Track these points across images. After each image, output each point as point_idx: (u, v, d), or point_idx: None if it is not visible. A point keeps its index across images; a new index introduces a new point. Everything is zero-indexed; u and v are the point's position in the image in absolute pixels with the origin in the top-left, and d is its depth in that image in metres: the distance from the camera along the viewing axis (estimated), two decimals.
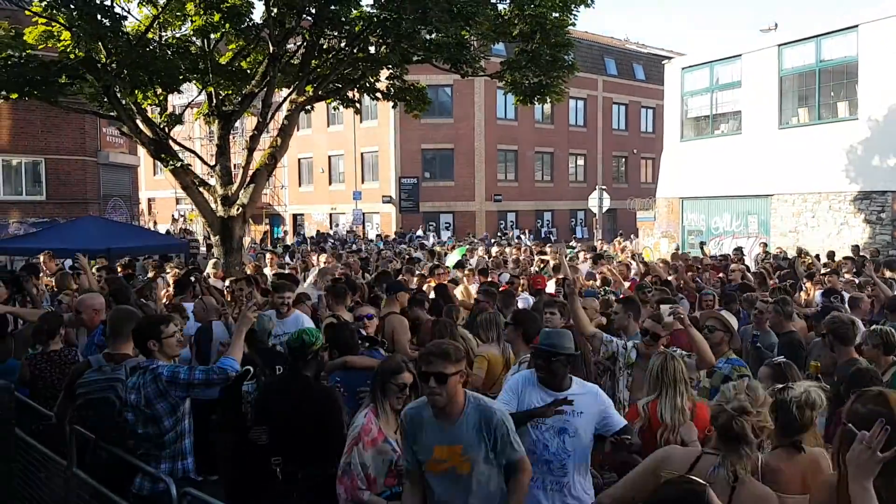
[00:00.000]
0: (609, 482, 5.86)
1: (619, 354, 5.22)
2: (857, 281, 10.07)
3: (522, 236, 30.58)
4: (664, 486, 2.34)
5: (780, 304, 6.55)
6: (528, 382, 4.05)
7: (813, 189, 17.74)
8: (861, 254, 14.45)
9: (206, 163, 13.69)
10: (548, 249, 18.12)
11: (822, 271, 11.38)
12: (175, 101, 13.92)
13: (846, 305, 7.82)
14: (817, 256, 14.60)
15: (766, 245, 16.42)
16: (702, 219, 21.28)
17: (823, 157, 17.52)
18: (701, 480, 2.23)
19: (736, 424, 2.87)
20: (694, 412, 4.14)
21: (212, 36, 12.43)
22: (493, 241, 26.28)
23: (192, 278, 8.61)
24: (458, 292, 9.97)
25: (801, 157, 18.01)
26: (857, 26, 16.91)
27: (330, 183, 37.79)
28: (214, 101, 12.80)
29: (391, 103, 15.20)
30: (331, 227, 35.74)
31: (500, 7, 13.05)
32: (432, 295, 8.72)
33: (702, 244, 16.00)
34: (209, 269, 12.11)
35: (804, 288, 10.12)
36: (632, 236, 27.82)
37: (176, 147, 12.94)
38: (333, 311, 6.97)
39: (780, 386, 3.32)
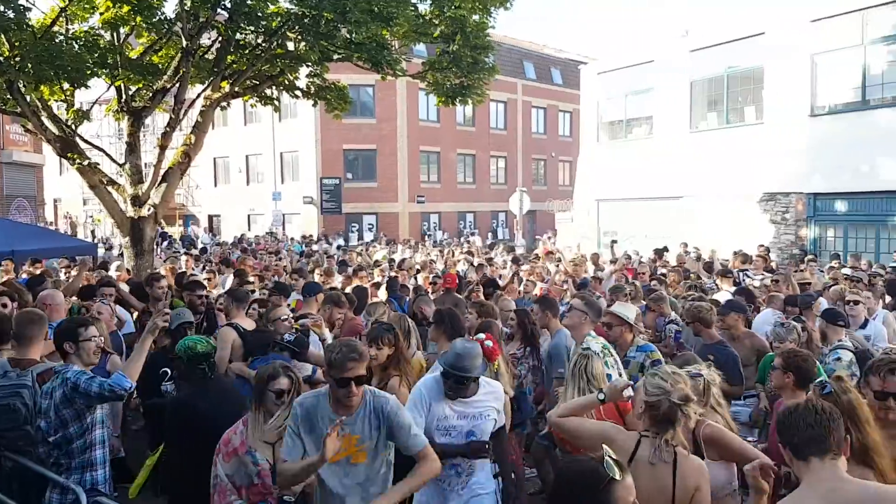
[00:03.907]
0: (530, 477, 5.98)
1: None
2: (760, 279, 10.59)
3: (473, 238, 30.91)
4: (571, 462, 2.41)
5: (699, 300, 6.95)
6: (433, 393, 4.04)
7: (722, 191, 18.45)
8: (759, 253, 15.05)
9: (115, 161, 13.22)
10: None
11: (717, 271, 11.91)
12: (82, 96, 13.33)
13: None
14: (741, 253, 15.05)
15: (686, 245, 16.99)
16: (617, 220, 21.87)
17: (732, 161, 18.26)
18: (610, 461, 2.26)
19: (681, 412, 3.09)
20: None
21: (121, 29, 12.00)
22: (443, 241, 26.59)
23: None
24: (382, 294, 9.96)
25: (710, 160, 18.72)
26: (763, 33, 17.71)
27: (248, 183, 37.01)
28: (124, 96, 12.40)
29: (311, 102, 14.99)
30: (249, 229, 35.00)
31: (421, 8, 13.10)
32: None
33: (613, 242, 16.46)
34: (113, 272, 11.71)
35: (715, 285, 10.51)
36: (548, 232, 28.58)
37: (83, 145, 12.48)
38: (232, 317, 6.48)
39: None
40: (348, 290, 9.08)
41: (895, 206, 15.55)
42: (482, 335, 4.49)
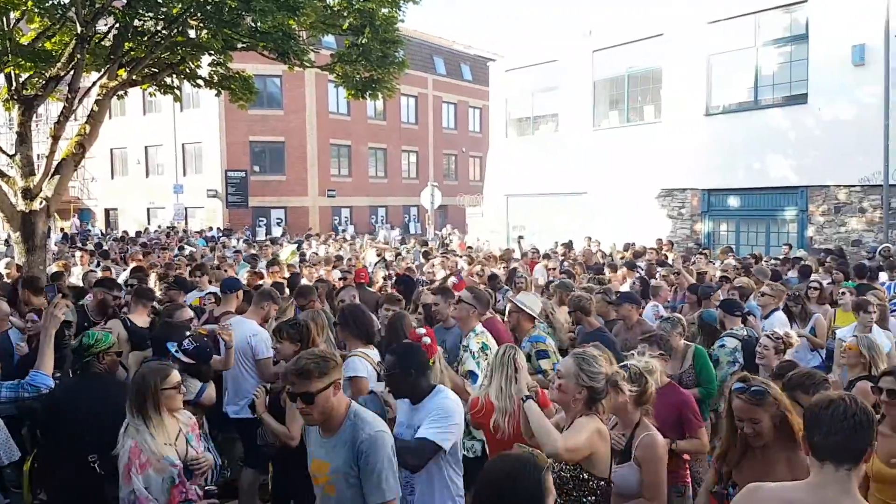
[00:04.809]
0: None
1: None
2: (660, 270, 11.07)
3: (386, 232, 30.88)
4: (499, 457, 2.42)
5: (604, 293, 7.34)
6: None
7: (623, 187, 19.11)
8: (664, 246, 15.78)
9: (4, 152, 12.42)
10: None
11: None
12: None
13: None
14: (633, 246, 15.67)
15: (590, 239, 17.52)
16: (525, 215, 22.29)
17: (632, 158, 18.92)
18: (536, 454, 2.35)
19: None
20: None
21: (11, 13, 11.30)
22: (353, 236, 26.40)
23: None
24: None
25: (612, 157, 19.33)
26: (661, 34, 18.35)
27: (147, 175, 35.58)
28: (14, 84, 11.65)
29: (215, 92, 14.54)
30: (149, 223, 33.69)
31: None
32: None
33: (519, 238, 16.78)
34: (2, 269, 11.10)
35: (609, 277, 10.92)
36: (448, 227, 28.94)
37: None
38: (130, 311, 6.29)
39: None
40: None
41: (784, 201, 16.51)
42: (422, 330, 4.40)
